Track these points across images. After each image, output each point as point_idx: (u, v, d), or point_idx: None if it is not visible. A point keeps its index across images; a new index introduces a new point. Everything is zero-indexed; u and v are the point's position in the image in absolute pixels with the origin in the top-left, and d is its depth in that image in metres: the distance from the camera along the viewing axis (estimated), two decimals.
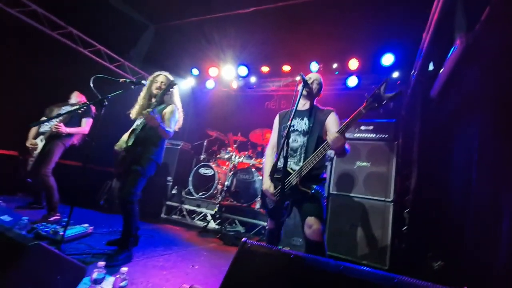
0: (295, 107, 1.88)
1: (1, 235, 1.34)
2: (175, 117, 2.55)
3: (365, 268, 0.95)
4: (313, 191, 1.90)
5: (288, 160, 2.01)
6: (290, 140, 2.06)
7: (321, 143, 1.93)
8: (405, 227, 3.67)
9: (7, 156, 3.90)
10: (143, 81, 2.42)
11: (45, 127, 3.33)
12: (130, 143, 2.38)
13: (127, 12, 4.95)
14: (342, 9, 4.05)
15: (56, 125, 3.13)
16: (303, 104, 2.21)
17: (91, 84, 2.14)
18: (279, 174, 1.98)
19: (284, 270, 0.98)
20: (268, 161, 2.24)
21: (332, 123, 2.07)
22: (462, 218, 2.29)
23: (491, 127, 1.99)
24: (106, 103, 2.23)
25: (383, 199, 3.25)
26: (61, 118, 3.26)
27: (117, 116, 2.97)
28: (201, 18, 4.86)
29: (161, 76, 2.60)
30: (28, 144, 3.28)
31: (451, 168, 2.84)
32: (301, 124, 2.12)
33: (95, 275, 1.35)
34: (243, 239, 1.14)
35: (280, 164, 1.93)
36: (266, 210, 2.17)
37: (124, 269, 1.40)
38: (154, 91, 2.54)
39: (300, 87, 2.07)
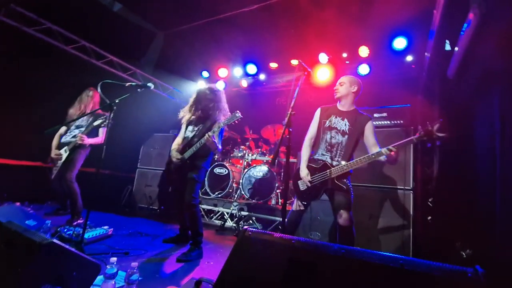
0: (293, 100, 2.02)
1: (20, 235, 1.42)
2: (222, 133, 2.86)
3: (368, 250, 0.90)
4: (345, 186, 2.16)
5: (325, 154, 2.29)
6: (328, 136, 2.30)
7: (357, 145, 2.26)
8: (429, 216, 3.49)
9: (32, 167, 4.14)
10: (148, 84, 2.47)
11: (67, 138, 3.51)
12: (186, 157, 2.71)
13: (135, 21, 5.11)
14: None
15: (81, 137, 3.32)
16: (343, 105, 2.38)
17: (99, 90, 2.22)
18: (315, 164, 2.27)
19: (286, 255, 0.96)
20: (306, 151, 2.40)
21: (370, 131, 2.27)
22: (490, 203, 2.14)
23: None
24: (115, 107, 2.31)
25: (402, 187, 3.11)
26: (83, 130, 3.45)
27: (126, 121, 3.05)
28: (207, 21, 4.91)
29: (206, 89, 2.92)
30: (53, 154, 3.47)
31: (474, 151, 2.67)
32: (341, 123, 2.30)
33: (107, 270, 1.39)
34: (244, 227, 1.13)
35: (317, 156, 2.29)
36: (296, 192, 2.35)
37: (134, 263, 1.44)
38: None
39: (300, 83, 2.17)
